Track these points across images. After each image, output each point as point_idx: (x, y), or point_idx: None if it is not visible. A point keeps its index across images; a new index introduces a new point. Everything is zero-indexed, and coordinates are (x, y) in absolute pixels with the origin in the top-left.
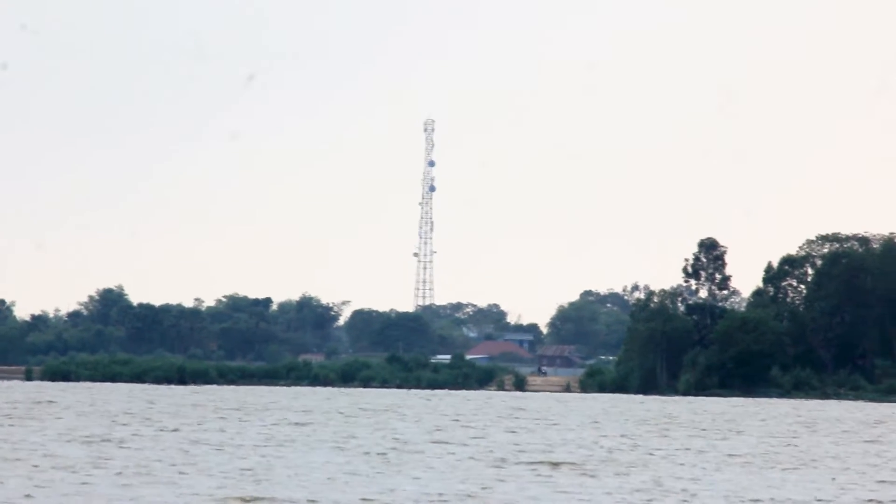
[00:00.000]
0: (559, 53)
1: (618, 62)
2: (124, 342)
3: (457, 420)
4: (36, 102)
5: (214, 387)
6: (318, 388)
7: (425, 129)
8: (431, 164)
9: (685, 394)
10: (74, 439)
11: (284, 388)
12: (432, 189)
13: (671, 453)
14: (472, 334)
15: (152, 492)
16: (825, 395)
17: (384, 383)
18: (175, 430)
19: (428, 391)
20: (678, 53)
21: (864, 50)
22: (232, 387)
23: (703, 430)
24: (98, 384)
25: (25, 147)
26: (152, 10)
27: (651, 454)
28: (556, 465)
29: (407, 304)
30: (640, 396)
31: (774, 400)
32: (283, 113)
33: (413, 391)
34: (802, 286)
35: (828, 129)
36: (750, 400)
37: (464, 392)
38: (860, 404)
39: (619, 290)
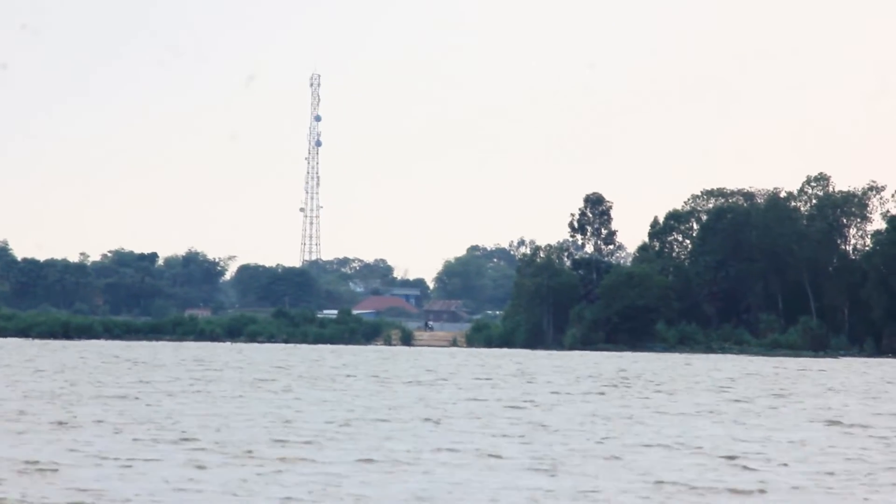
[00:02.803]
0: (447, 6)
1: (499, 17)
2: (8, 297)
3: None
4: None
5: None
6: (206, 344)
7: (311, 84)
8: (318, 118)
9: (571, 348)
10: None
11: (172, 342)
12: (318, 144)
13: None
14: (358, 289)
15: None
16: (710, 350)
17: (271, 338)
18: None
19: (315, 346)
20: (558, 12)
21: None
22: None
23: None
24: None
25: None
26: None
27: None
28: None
29: (293, 260)
30: (527, 351)
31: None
32: (171, 67)
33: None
34: (687, 241)
35: (713, 85)
36: (642, 354)
37: (351, 347)
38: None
39: (505, 245)
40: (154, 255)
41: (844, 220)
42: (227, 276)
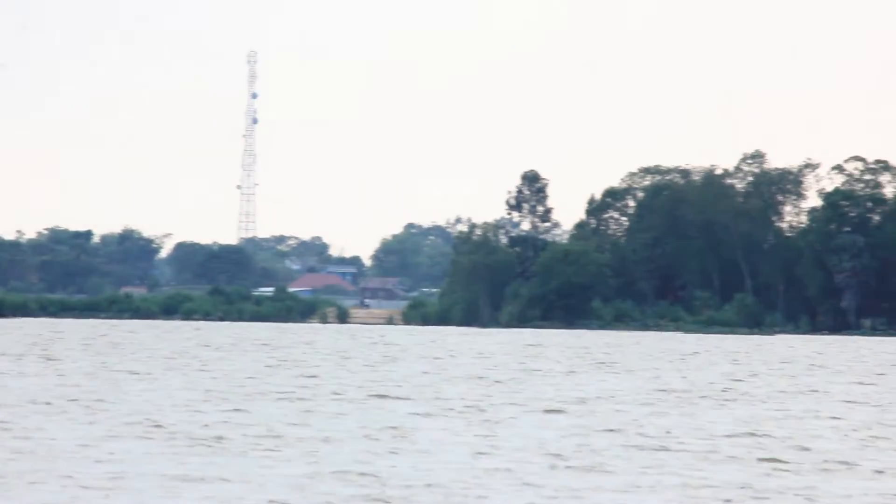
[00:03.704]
0: None
1: None
2: None
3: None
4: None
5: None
6: (141, 321)
7: (248, 62)
8: (254, 96)
9: (507, 326)
10: None
11: (107, 320)
12: (255, 121)
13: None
14: (295, 267)
15: None
16: (645, 327)
17: (206, 316)
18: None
19: (251, 324)
20: None
21: None
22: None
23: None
24: None
25: None
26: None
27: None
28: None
29: (230, 237)
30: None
31: (599, 332)
32: (106, 43)
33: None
34: (624, 218)
35: (649, 62)
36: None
37: (290, 325)
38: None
39: (441, 222)
40: (89, 233)
41: (780, 198)
42: (163, 253)
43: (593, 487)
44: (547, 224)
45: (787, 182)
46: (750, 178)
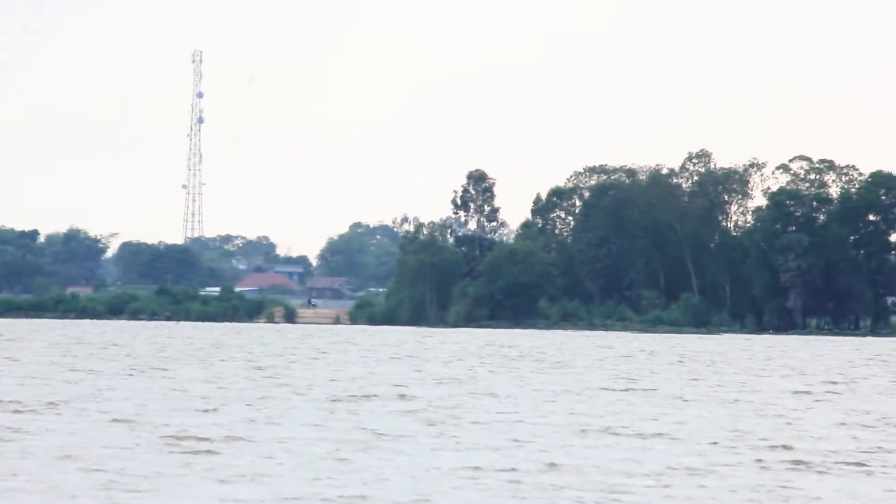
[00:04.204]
0: None
1: None
2: None
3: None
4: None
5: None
6: (88, 321)
7: (193, 61)
8: (200, 95)
9: (454, 326)
10: None
11: (53, 320)
12: (201, 121)
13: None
14: (241, 266)
15: None
16: (592, 326)
17: (153, 316)
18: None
19: (198, 323)
20: None
21: None
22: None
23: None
24: None
25: None
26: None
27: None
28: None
29: (176, 237)
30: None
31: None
32: (52, 40)
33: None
34: (570, 218)
35: (595, 62)
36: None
37: (239, 325)
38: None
39: (388, 222)
40: (35, 233)
41: (726, 197)
42: (110, 253)
43: (567, 486)
44: (493, 223)
45: (733, 181)
46: (695, 178)
